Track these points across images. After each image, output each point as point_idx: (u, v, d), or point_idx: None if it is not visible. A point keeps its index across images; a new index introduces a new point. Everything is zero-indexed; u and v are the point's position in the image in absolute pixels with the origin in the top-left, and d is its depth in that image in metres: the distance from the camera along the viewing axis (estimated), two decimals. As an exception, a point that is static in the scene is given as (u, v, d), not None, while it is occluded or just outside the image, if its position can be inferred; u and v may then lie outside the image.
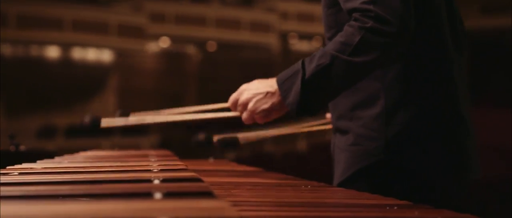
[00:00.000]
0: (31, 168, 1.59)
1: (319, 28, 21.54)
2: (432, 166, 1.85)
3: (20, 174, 1.42)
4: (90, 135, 16.02)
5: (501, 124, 13.69)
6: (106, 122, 1.93)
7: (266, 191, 1.58)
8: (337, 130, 1.99)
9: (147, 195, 1.01)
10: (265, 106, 1.80)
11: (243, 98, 1.83)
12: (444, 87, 1.89)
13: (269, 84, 1.81)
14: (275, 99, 1.79)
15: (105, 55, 18.47)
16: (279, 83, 1.78)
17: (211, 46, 20.88)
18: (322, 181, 1.76)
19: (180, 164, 1.67)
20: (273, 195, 1.48)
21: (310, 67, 1.73)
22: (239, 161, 2.96)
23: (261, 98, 1.81)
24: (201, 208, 0.82)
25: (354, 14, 1.73)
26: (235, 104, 1.87)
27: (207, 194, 1.00)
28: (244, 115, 1.84)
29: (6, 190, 1.10)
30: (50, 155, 3.79)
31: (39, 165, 1.67)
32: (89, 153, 2.45)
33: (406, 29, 1.69)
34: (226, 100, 1.91)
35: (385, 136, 1.84)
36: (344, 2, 1.79)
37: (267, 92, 1.80)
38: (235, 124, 1.98)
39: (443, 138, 1.87)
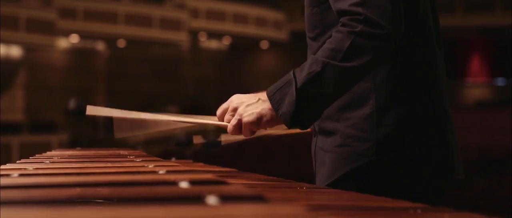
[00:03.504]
0: (25, 169, 1.45)
1: (228, 26, 21.79)
2: (423, 166, 1.84)
3: (20, 175, 1.31)
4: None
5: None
6: (91, 110, 1.83)
7: (293, 194, 1.51)
8: (320, 132, 1.93)
9: (195, 199, 0.86)
10: (257, 110, 1.75)
11: (233, 103, 1.79)
12: (432, 85, 1.87)
13: (260, 95, 1.78)
14: (266, 105, 1.75)
15: (14, 51, 17.99)
16: (270, 95, 1.75)
17: (121, 43, 20.67)
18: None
19: (175, 164, 1.56)
20: (302, 198, 1.42)
21: (301, 76, 1.69)
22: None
23: (252, 103, 1.77)
24: (278, 214, 0.72)
25: (342, 18, 1.71)
26: (224, 113, 1.82)
27: (259, 199, 0.87)
28: (233, 121, 1.78)
29: (22, 194, 0.98)
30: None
31: (29, 166, 1.52)
32: (58, 152, 2.20)
33: (397, 30, 1.67)
34: (134, 96, 1.84)
35: (376, 137, 1.80)
36: (334, 1, 1.77)
37: (259, 99, 1.77)
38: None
39: (433, 136, 1.85)
